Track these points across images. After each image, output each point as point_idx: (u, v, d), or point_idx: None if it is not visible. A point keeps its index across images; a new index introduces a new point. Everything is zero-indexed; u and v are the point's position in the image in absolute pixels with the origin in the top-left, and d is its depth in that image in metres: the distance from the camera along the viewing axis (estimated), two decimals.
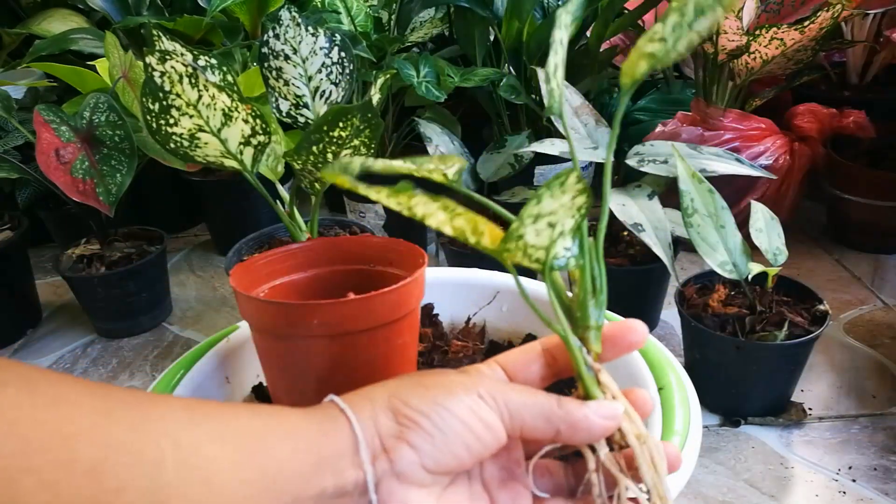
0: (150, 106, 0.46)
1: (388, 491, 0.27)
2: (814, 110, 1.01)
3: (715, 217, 0.66)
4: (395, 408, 0.27)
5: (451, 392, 0.28)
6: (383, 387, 0.28)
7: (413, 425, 0.27)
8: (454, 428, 0.27)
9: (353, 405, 0.27)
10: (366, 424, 0.27)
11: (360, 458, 0.26)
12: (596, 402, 0.29)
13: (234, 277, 0.42)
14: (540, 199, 0.26)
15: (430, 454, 0.27)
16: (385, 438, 0.27)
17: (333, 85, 0.56)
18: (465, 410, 0.27)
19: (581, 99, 0.81)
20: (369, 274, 0.47)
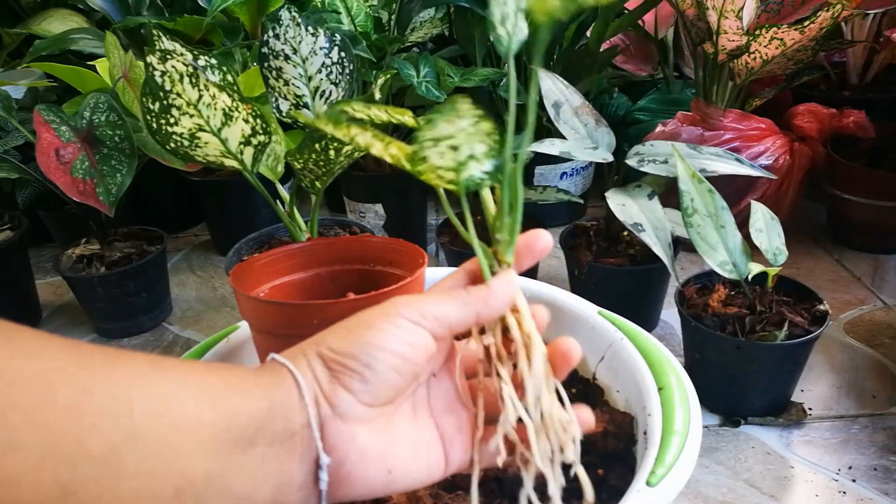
0: (150, 105, 0.46)
1: (335, 431, 0.29)
2: (814, 110, 1.01)
3: (715, 217, 0.66)
4: (324, 355, 0.29)
5: (371, 325, 0.29)
6: (311, 341, 0.30)
7: (342, 368, 0.29)
8: (382, 360, 0.29)
9: (291, 359, 0.30)
10: (304, 374, 0.29)
11: (305, 401, 0.28)
12: (495, 279, 0.32)
13: (234, 277, 0.42)
14: (434, 124, 0.29)
15: (365, 390, 0.29)
16: (322, 384, 0.29)
17: (333, 85, 0.56)
18: (390, 339, 0.29)
19: (581, 99, 0.81)
20: (369, 274, 0.47)
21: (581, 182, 1.16)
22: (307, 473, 0.29)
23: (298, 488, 0.29)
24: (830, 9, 0.81)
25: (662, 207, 0.72)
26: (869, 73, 1.15)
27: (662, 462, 0.37)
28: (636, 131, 1.12)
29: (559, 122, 0.79)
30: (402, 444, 0.31)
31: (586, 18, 1.02)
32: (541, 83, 0.81)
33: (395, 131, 1.06)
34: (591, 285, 0.82)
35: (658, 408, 0.41)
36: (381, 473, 0.30)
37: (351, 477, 0.29)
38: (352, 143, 0.31)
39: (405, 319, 0.30)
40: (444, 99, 0.90)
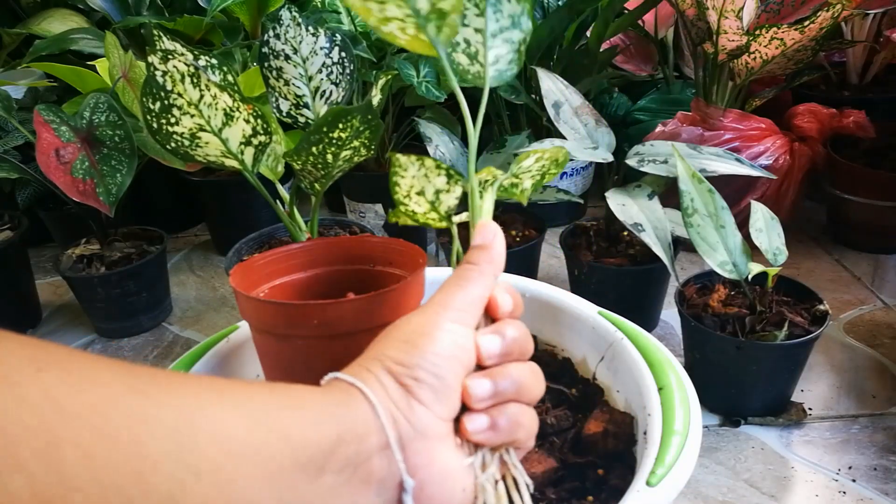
0: (150, 105, 0.46)
1: (417, 451, 0.28)
2: (814, 110, 1.01)
3: (715, 217, 0.66)
4: (392, 370, 0.28)
5: (428, 334, 0.29)
6: (371, 357, 0.29)
7: (414, 382, 0.28)
8: (447, 368, 0.29)
9: (359, 377, 0.28)
10: (376, 391, 0.27)
11: (381, 422, 0.27)
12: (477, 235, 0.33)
13: (234, 277, 0.42)
14: (398, 185, 0.34)
15: (438, 402, 0.28)
16: (397, 401, 0.28)
17: (334, 85, 0.56)
18: (448, 345, 0.29)
19: (581, 99, 0.81)
20: (369, 274, 0.47)
21: (581, 182, 1.16)
22: (387, 498, 0.27)
23: None
24: (830, 9, 0.81)
25: (662, 207, 0.72)
26: (869, 73, 1.15)
27: (662, 462, 0.37)
28: (636, 131, 1.13)
29: (559, 122, 0.79)
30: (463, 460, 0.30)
31: (586, 18, 1.02)
32: (541, 83, 0.81)
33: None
34: (591, 285, 0.82)
35: (658, 408, 0.41)
36: (458, 492, 0.29)
37: (433, 499, 0.28)
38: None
39: (453, 322, 0.29)
40: (443, 99, 0.90)
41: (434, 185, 0.34)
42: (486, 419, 0.30)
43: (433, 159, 0.33)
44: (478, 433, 0.30)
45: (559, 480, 0.42)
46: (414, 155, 0.33)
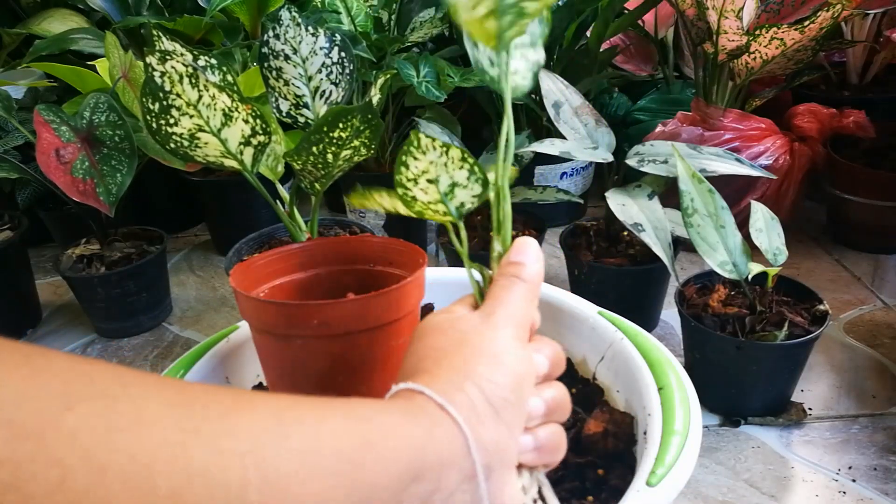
0: (150, 106, 0.46)
1: (501, 480, 0.26)
2: (814, 110, 1.01)
3: (715, 217, 0.66)
4: (486, 390, 0.26)
5: (510, 351, 0.28)
6: (455, 370, 0.27)
7: (506, 403, 0.26)
8: (526, 387, 0.28)
9: (447, 397, 0.25)
10: (468, 417, 0.25)
11: (472, 456, 0.25)
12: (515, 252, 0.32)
13: (233, 277, 0.42)
14: (406, 166, 0.31)
15: (518, 424, 0.27)
16: (487, 425, 0.26)
17: (333, 85, 0.56)
18: (525, 363, 0.28)
19: (581, 99, 0.81)
20: (369, 274, 0.47)
21: (581, 182, 1.16)
22: None
23: None
24: (830, 9, 0.81)
25: (662, 207, 0.72)
26: (869, 73, 1.15)
27: (662, 462, 0.37)
28: (636, 131, 1.13)
29: (559, 122, 0.79)
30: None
31: (586, 18, 1.02)
32: (541, 83, 0.81)
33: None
34: (591, 285, 0.82)
35: (658, 408, 0.41)
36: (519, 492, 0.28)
37: None
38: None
39: (519, 340, 0.29)
40: (443, 99, 0.90)
41: (452, 177, 0.32)
42: (532, 439, 0.29)
43: (460, 149, 0.31)
44: (524, 454, 0.29)
45: (559, 480, 0.42)
46: (440, 141, 0.31)
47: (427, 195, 0.32)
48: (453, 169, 0.32)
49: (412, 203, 0.33)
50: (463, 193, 0.33)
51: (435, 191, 0.32)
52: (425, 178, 0.32)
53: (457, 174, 0.32)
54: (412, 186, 0.32)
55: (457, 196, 0.33)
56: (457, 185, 0.32)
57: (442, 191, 0.32)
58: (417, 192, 0.32)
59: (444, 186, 0.32)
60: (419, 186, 0.32)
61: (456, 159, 0.31)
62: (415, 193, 0.32)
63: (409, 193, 0.32)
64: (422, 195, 0.32)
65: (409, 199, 0.33)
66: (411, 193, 0.32)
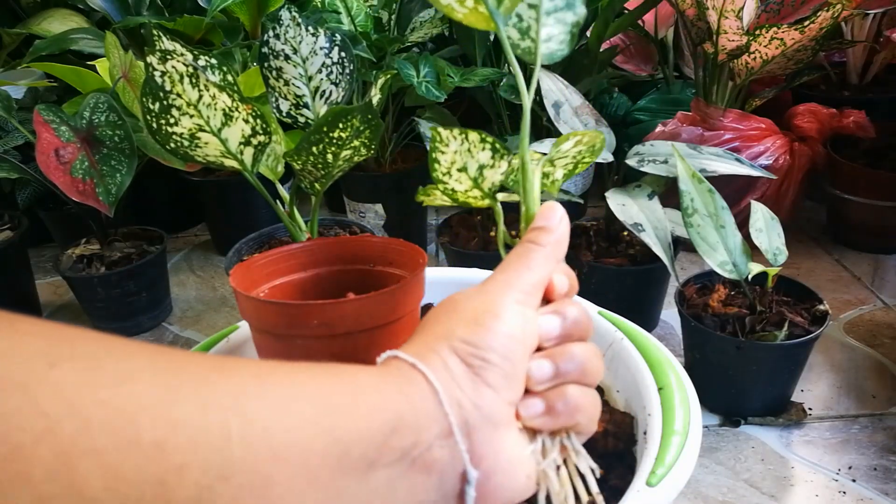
0: (150, 106, 0.46)
1: (484, 440, 0.26)
2: (814, 110, 1.01)
3: (715, 217, 0.66)
4: (459, 350, 0.26)
5: (497, 314, 0.27)
6: (437, 335, 0.27)
7: (483, 363, 0.26)
8: (517, 351, 0.27)
9: (421, 358, 0.26)
10: (440, 374, 0.25)
11: (443, 408, 0.25)
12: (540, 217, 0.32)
13: (233, 277, 0.42)
14: (438, 162, 0.33)
15: (507, 387, 0.26)
16: (463, 384, 0.26)
17: (333, 85, 0.56)
18: (518, 327, 0.27)
19: (581, 99, 0.81)
20: (369, 274, 0.47)
21: (581, 182, 1.16)
22: (448, 491, 0.25)
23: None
24: (830, 9, 0.81)
25: (662, 207, 0.72)
26: (869, 73, 1.15)
27: (662, 462, 0.37)
28: (636, 131, 1.12)
29: (559, 122, 0.79)
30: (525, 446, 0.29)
31: (586, 18, 1.02)
32: (541, 83, 0.81)
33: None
34: (591, 285, 0.82)
35: (658, 408, 0.41)
36: (524, 481, 0.27)
37: (498, 490, 0.26)
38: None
39: (518, 304, 0.28)
40: (443, 99, 0.90)
41: (478, 161, 0.33)
42: (542, 404, 0.28)
43: (477, 132, 0.32)
44: (532, 418, 0.28)
45: None
46: (456, 129, 0.32)
47: (462, 184, 0.34)
48: (477, 152, 0.33)
49: (454, 195, 0.34)
50: (491, 173, 0.34)
51: (467, 178, 0.33)
52: (455, 168, 0.33)
53: (480, 155, 0.33)
54: (448, 179, 0.33)
55: (486, 178, 0.34)
56: (484, 166, 0.33)
57: (472, 176, 0.33)
58: (454, 184, 0.34)
59: (473, 171, 0.33)
60: (454, 178, 0.33)
61: (476, 142, 0.32)
62: (452, 186, 0.34)
63: (448, 187, 0.34)
64: (458, 185, 0.34)
65: (450, 192, 0.34)
66: (450, 186, 0.34)
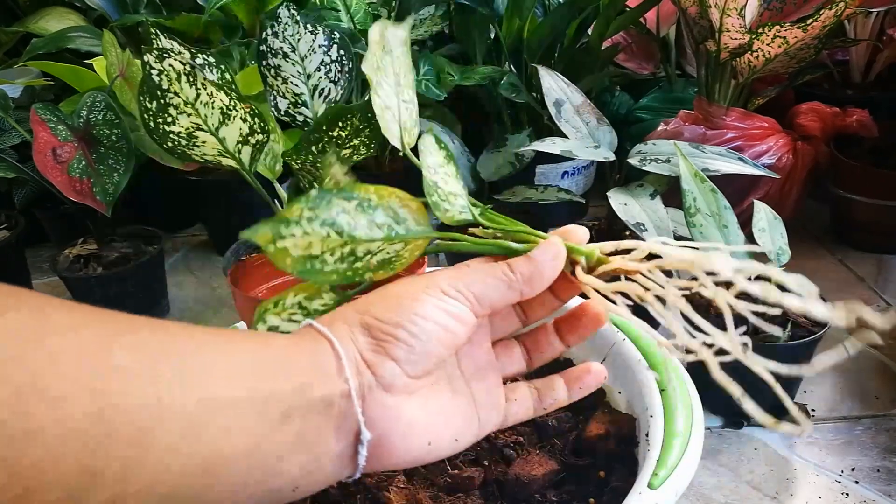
0: (147, 104, 0.45)
1: (379, 404, 0.28)
2: (817, 109, 1.01)
3: (717, 217, 0.65)
4: (369, 324, 0.29)
5: (416, 297, 0.29)
6: (353, 307, 0.30)
7: (388, 338, 0.28)
8: (427, 330, 0.29)
9: (331, 327, 0.29)
10: (346, 343, 0.28)
11: (345, 373, 0.28)
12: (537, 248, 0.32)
13: (232, 277, 0.42)
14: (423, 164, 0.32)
15: (410, 361, 0.29)
16: (365, 353, 0.28)
17: (332, 83, 0.56)
18: (434, 310, 0.29)
19: (582, 97, 0.80)
20: None
21: (582, 181, 1.15)
22: (345, 446, 0.28)
23: (333, 459, 0.28)
24: (833, 7, 0.80)
25: (664, 207, 0.72)
26: (872, 72, 1.14)
27: (664, 464, 0.36)
28: (638, 130, 1.12)
29: (560, 121, 0.78)
30: (439, 414, 0.31)
31: (588, 16, 1.02)
32: (542, 81, 0.81)
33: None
34: None
35: (660, 409, 0.41)
36: (422, 446, 0.30)
37: (391, 452, 0.29)
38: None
39: (447, 295, 0.30)
40: (443, 97, 0.90)
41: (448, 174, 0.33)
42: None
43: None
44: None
45: (560, 483, 0.42)
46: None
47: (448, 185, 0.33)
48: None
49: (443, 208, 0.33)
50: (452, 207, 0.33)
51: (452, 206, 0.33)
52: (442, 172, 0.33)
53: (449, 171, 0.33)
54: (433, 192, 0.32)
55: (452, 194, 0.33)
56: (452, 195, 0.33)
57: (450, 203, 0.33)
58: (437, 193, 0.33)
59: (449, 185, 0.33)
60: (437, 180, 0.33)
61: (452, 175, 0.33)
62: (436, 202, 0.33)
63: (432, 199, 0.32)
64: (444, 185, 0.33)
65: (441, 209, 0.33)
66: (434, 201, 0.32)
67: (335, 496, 0.39)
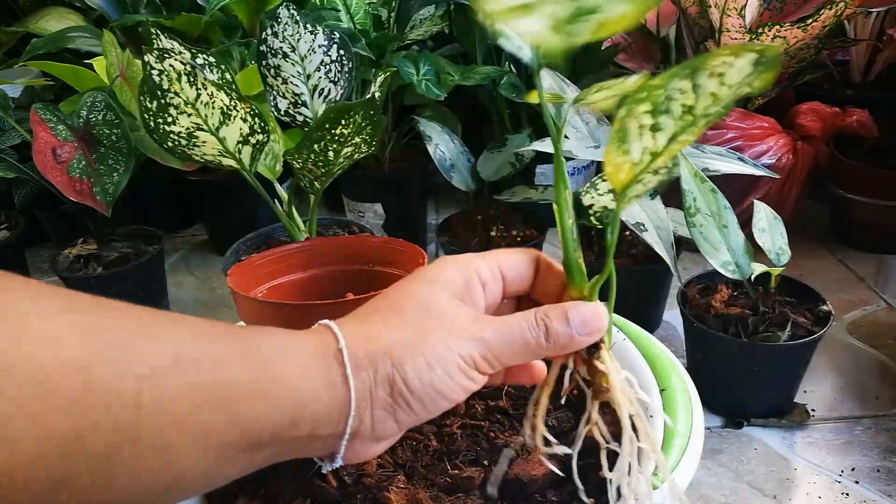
0: (147, 104, 0.45)
1: (360, 447, 0.29)
2: (817, 109, 1.01)
3: (718, 217, 0.65)
4: (395, 384, 0.28)
5: (447, 367, 0.28)
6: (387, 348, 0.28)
7: (405, 405, 0.28)
8: (440, 406, 0.29)
9: (356, 368, 0.27)
10: (362, 395, 0.27)
11: (346, 424, 0.27)
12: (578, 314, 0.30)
13: (232, 278, 0.42)
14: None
15: (410, 423, 0.29)
16: (376, 412, 0.28)
17: (332, 83, 0.56)
18: (456, 389, 0.28)
19: None
20: (369, 274, 0.47)
21: (583, 181, 1.15)
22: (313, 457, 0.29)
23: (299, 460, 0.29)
24: (833, 7, 0.81)
25: (665, 207, 0.72)
26: (872, 72, 1.14)
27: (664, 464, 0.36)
28: None
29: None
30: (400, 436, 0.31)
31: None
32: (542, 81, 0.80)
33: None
34: None
35: (660, 409, 0.41)
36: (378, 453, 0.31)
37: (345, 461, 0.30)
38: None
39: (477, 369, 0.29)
40: (443, 97, 0.90)
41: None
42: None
43: None
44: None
45: (560, 483, 0.42)
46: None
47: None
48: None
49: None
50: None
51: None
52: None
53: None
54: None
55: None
56: None
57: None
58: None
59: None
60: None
61: None
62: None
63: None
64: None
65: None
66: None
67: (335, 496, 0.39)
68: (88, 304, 0.25)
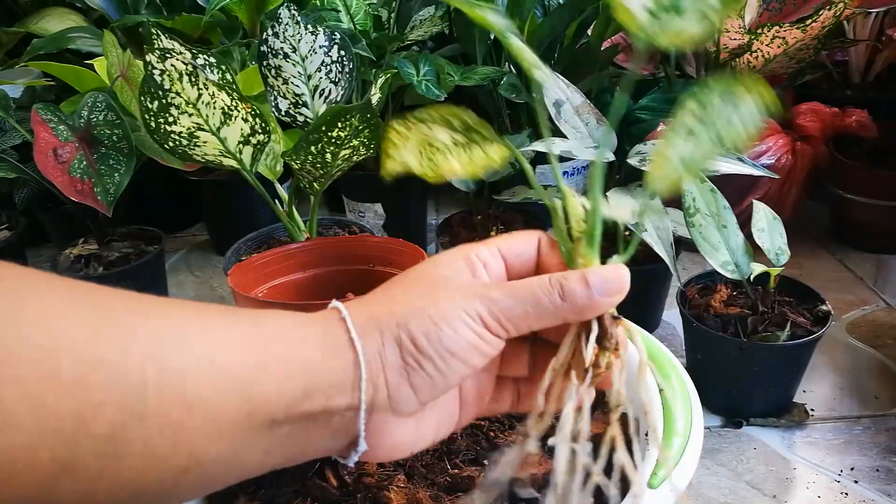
0: (148, 104, 0.45)
1: (382, 421, 0.27)
2: (816, 109, 1.01)
3: (717, 217, 0.65)
4: (403, 343, 0.27)
5: (453, 324, 0.27)
6: (390, 311, 0.27)
7: (417, 367, 0.27)
8: (455, 369, 0.27)
9: (361, 333, 0.27)
10: (372, 358, 0.26)
11: (360, 391, 0.26)
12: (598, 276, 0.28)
13: (232, 278, 0.42)
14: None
15: (428, 392, 0.27)
16: (389, 375, 0.27)
17: (333, 83, 0.56)
18: (468, 348, 0.27)
19: (582, 98, 0.80)
20: (369, 274, 0.47)
21: (582, 181, 1.15)
22: (336, 447, 0.28)
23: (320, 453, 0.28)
24: (832, 7, 0.81)
25: (664, 207, 0.72)
26: (871, 72, 1.14)
27: (663, 464, 0.36)
28: (638, 130, 1.12)
29: (560, 121, 0.78)
30: (427, 429, 0.30)
31: (587, 17, 1.02)
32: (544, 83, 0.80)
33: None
34: None
35: (659, 409, 0.41)
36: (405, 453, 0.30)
37: (374, 456, 0.29)
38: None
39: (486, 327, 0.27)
40: (443, 98, 0.90)
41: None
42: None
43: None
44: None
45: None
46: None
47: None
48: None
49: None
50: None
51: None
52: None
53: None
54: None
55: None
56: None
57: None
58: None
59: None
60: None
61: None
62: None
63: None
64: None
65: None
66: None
67: (335, 496, 0.39)
68: (88, 287, 0.24)
